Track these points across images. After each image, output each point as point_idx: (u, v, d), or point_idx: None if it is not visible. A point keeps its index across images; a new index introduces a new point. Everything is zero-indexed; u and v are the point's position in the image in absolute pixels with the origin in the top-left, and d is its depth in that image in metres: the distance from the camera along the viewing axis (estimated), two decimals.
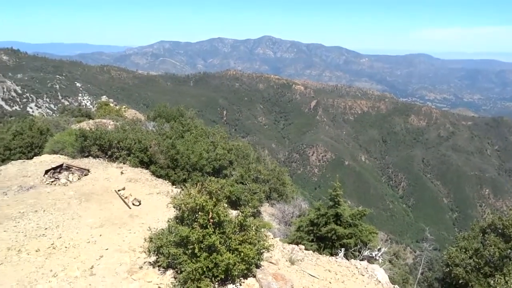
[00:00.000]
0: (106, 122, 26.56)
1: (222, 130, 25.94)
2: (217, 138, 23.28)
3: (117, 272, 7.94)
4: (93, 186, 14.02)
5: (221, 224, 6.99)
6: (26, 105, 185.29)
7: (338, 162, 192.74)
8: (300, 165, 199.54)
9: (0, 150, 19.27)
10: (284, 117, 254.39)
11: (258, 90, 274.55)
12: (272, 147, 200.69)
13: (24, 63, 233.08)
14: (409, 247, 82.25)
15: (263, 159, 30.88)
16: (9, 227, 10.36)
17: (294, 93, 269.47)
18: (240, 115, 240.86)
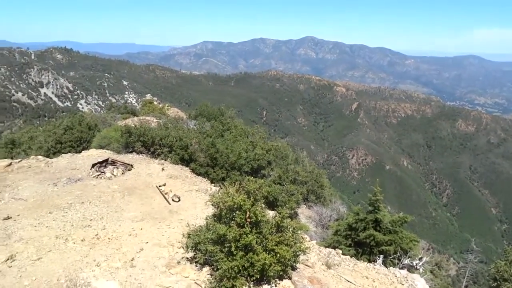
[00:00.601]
0: (149, 119, 27.41)
1: (261, 130, 26.01)
2: (256, 138, 23.37)
3: (156, 266, 8.16)
4: (135, 181, 14.49)
5: (258, 224, 7.00)
6: (76, 102, 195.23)
7: (378, 166, 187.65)
8: (339, 168, 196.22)
9: (52, 143, 20.39)
10: (324, 119, 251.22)
11: (299, 91, 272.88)
12: (311, 149, 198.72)
13: (76, 62, 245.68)
14: (452, 258, 78.54)
15: (302, 160, 30.59)
16: (58, 217, 10.94)
17: (335, 95, 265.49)
18: (279, 116, 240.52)
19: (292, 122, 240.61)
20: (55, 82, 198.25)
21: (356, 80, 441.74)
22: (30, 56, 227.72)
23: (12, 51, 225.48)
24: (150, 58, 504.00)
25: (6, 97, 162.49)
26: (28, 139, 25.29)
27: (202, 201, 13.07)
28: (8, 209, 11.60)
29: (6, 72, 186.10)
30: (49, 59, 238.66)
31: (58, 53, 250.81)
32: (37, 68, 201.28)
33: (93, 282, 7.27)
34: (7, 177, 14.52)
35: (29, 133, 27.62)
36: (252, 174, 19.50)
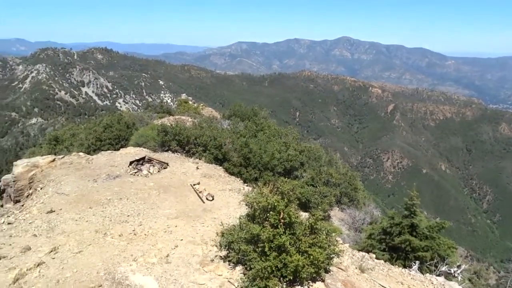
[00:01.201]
0: (185, 118, 27.93)
1: (294, 131, 25.91)
2: (289, 139, 23.31)
3: (190, 263, 8.31)
4: (171, 179, 14.82)
5: (291, 225, 6.98)
6: (115, 100, 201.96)
7: (415, 170, 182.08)
8: (373, 171, 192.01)
9: (93, 141, 21.20)
10: (358, 120, 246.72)
11: (333, 92, 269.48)
12: (344, 151, 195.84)
13: (115, 62, 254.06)
14: (492, 267, 74.88)
15: (335, 162, 30.20)
16: (97, 212, 11.36)
17: (371, 96, 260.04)
18: (313, 117, 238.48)
19: (325, 123, 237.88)
20: (95, 82, 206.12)
21: (393, 81, 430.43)
22: (73, 56, 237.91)
23: (56, 51, 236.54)
24: (186, 58, 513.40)
25: (50, 96, 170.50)
26: (70, 136, 26.48)
27: (235, 200, 13.18)
28: (51, 203, 12.17)
29: (50, 71, 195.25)
30: (91, 59, 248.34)
31: (99, 53, 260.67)
32: (79, 68, 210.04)
33: (130, 276, 7.50)
34: (51, 172, 15.24)
35: (71, 130, 28.91)
36: (285, 175, 19.46)
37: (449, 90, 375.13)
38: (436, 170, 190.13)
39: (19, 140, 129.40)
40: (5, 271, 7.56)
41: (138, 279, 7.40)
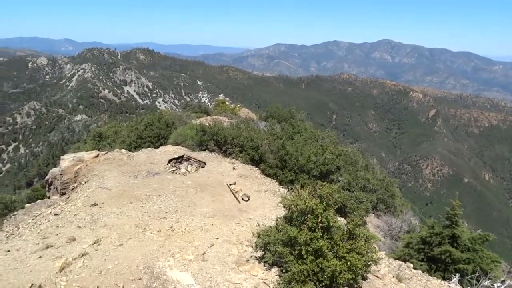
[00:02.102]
0: (222, 119, 28.27)
1: (332, 135, 25.59)
2: (326, 142, 23.02)
3: (225, 262, 8.40)
4: (208, 178, 15.05)
5: (329, 230, 6.90)
6: (155, 100, 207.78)
7: (456, 179, 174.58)
8: (411, 178, 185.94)
9: (134, 138, 21.91)
10: (397, 125, 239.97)
11: (371, 96, 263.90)
12: (381, 156, 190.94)
13: (156, 62, 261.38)
14: None
15: (372, 167, 29.54)
16: (137, 207, 11.73)
17: (411, 101, 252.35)
18: (350, 120, 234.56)
19: (362, 128, 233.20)
20: (137, 81, 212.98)
21: (435, 86, 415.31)
22: (116, 56, 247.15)
23: (101, 51, 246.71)
24: (224, 59, 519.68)
25: (94, 94, 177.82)
26: (112, 133, 27.49)
27: (271, 201, 13.20)
28: (94, 196, 12.70)
29: (95, 70, 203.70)
30: (133, 59, 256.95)
31: (141, 53, 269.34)
32: (122, 68, 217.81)
33: (168, 271, 7.68)
34: (94, 167, 15.89)
35: (114, 127, 30.01)
36: (321, 179, 19.22)
37: (495, 96, 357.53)
38: (479, 180, 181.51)
39: (65, 135, 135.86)
40: (52, 259, 7.97)
41: (176, 275, 7.57)
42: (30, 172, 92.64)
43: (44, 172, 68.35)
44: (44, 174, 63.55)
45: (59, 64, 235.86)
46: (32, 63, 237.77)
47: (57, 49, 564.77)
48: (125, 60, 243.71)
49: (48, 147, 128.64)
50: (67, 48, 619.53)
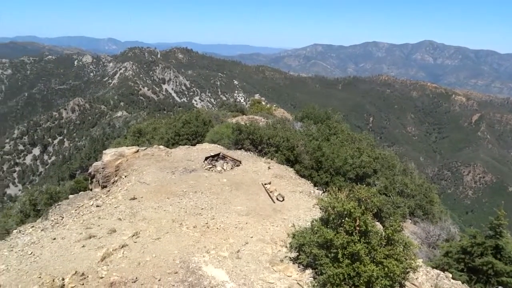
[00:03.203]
0: (258, 118, 28.39)
1: (369, 137, 25.07)
2: (363, 145, 22.60)
3: (259, 261, 8.43)
4: (243, 177, 15.14)
5: (367, 234, 6.76)
6: (192, 98, 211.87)
7: (499, 187, 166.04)
8: (451, 184, 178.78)
9: (172, 135, 22.44)
10: (437, 130, 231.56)
11: (411, 98, 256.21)
12: (420, 161, 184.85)
13: (194, 61, 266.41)
14: None
15: (410, 172, 28.69)
16: (174, 203, 12.00)
17: (453, 104, 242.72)
18: (387, 123, 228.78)
19: (400, 131, 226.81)
20: (175, 79, 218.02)
21: (480, 89, 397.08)
22: (156, 55, 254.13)
23: (142, 50, 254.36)
24: (261, 59, 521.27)
25: (134, 91, 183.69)
26: (152, 129, 28.31)
27: (305, 203, 13.10)
28: (134, 190, 13.11)
29: (136, 69, 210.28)
30: (172, 58, 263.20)
31: (180, 53, 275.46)
32: (162, 66, 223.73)
33: (203, 267, 7.81)
34: (134, 162, 16.41)
35: (153, 124, 30.90)
36: (356, 182, 18.90)
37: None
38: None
39: (106, 130, 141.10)
40: (94, 249, 8.32)
41: (211, 271, 7.69)
42: (73, 165, 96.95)
43: (86, 165, 71.34)
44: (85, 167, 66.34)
45: (102, 62, 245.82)
46: (78, 61, 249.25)
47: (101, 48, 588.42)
48: (164, 59, 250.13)
49: (90, 141, 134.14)
50: (111, 47, 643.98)
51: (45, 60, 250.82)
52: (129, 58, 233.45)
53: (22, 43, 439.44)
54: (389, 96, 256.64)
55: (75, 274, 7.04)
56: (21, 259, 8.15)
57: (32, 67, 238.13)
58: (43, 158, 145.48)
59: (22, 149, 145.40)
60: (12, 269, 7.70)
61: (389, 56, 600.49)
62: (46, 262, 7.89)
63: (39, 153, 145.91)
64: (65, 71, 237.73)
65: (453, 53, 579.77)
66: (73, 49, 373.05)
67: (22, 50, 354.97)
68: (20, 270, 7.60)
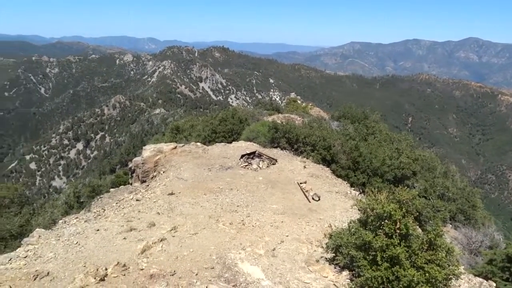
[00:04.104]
0: (293, 117, 28.24)
1: (409, 138, 24.34)
2: (402, 146, 21.95)
3: (295, 260, 8.40)
4: (278, 175, 15.14)
5: (407, 237, 6.57)
6: (227, 96, 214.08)
7: None
8: (495, 189, 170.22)
9: (208, 132, 22.77)
10: (481, 131, 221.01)
11: (453, 98, 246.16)
12: (461, 163, 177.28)
13: (231, 60, 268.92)
14: None
15: (452, 175, 27.59)
16: (210, 199, 12.18)
17: (499, 105, 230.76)
18: (427, 124, 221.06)
19: (441, 132, 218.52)
20: (212, 78, 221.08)
21: None
22: (194, 54, 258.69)
23: (180, 49, 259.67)
24: (297, 58, 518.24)
25: (172, 89, 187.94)
26: (189, 127, 28.87)
27: (342, 203, 12.92)
28: (172, 186, 13.42)
29: (174, 67, 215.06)
30: (209, 57, 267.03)
31: (217, 51, 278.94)
32: (199, 65, 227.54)
33: (239, 263, 7.88)
34: (172, 159, 16.79)
35: (190, 122, 31.51)
36: (395, 183, 18.40)
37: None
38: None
39: (144, 127, 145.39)
40: (135, 241, 8.59)
41: (246, 268, 7.74)
42: (113, 160, 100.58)
43: (125, 160, 73.83)
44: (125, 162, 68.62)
45: (142, 61, 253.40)
46: (119, 60, 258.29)
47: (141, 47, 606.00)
48: (201, 58, 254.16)
49: (129, 137, 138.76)
50: (150, 46, 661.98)
51: (89, 59, 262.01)
52: (168, 57, 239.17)
53: (68, 43, 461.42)
54: (429, 95, 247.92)
55: (117, 265, 7.30)
56: (67, 248, 8.56)
57: (77, 66, 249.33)
58: (86, 153, 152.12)
59: (67, 143, 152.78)
60: (59, 257, 8.11)
61: (430, 54, 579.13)
62: (90, 252, 8.24)
63: (82, 148, 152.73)
64: (107, 70, 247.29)
65: (500, 51, 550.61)
66: (115, 49, 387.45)
67: (68, 50, 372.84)
68: (67, 258, 7.99)
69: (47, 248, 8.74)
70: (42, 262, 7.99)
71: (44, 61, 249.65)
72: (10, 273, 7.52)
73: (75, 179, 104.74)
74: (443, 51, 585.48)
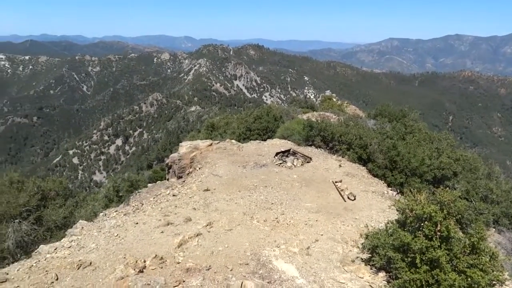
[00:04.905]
0: (328, 115, 27.90)
1: (450, 137, 23.42)
2: (443, 145, 21.16)
3: (330, 259, 8.31)
4: (313, 174, 15.02)
5: (448, 240, 6.33)
6: (262, 94, 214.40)
7: None
8: None
9: (243, 130, 22.93)
10: None
11: (498, 96, 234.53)
12: (506, 164, 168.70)
13: (265, 58, 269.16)
14: None
15: (496, 176, 26.31)
16: (245, 196, 12.26)
17: None
18: (469, 123, 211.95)
19: (484, 131, 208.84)
20: (246, 76, 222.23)
21: None
22: (229, 52, 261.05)
23: (216, 47, 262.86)
24: (332, 55, 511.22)
25: (207, 87, 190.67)
26: (224, 124, 29.19)
27: (378, 203, 12.65)
28: (207, 182, 13.63)
29: (210, 65, 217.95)
30: (244, 55, 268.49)
31: (252, 49, 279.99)
32: (234, 63, 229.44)
33: (273, 261, 7.90)
34: (207, 155, 17.04)
35: (225, 119, 31.85)
36: (434, 184, 17.79)
37: None
38: None
39: (180, 124, 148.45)
40: (172, 235, 8.81)
41: (281, 265, 7.75)
42: (150, 156, 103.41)
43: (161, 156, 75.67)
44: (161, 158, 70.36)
45: (179, 60, 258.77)
46: (157, 58, 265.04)
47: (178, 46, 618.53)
48: (236, 56, 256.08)
49: (166, 134, 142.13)
50: (186, 45, 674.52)
51: (128, 58, 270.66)
52: (203, 55, 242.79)
53: (109, 43, 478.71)
54: (472, 93, 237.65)
55: (155, 258, 7.52)
56: (108, 239, 8.91)
57: (117, 64, 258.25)
58: (125, 148, 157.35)
59: (107, 139, 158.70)
60: (101, 248, 8.46)
61: (473, 50, 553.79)
62: (129, 244, 8.54)
63: (121, 144, 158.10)
64: (145, 68, 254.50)
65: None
66: (153, 47, 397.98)
67: (109, 49, 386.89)
68: (108, 249, 8.32)
69: (89, 239, 9.14)
70: (85, 252, 8.36)
71: (87, 60, 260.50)
72: (56, 262, 7.93)
73: (115, 174, 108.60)
74: (487, 47, 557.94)
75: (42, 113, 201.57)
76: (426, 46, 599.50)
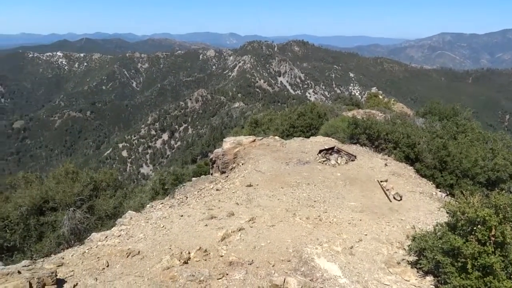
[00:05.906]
0: (374, 113, 27.19)
1: (507, 137, 22.03)
2: (498, 146, 19.94)
3: (374, 260, 8.12)
4: (357, 172, 14.70)
5: (503, 246, 5.98)
6: (305, 90, 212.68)
7: None
8: None
9: (287, 126, 22.89)
10: None
11: None
12: None
13: (310, 54, 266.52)
14: None
15: None
16: (287, 192, 12.25)
17: None
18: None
19: None
20: (290, 72, 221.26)
21: None
22: (273, 49, 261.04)
23: (260, 44, 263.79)
24: (379, 51, 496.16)
25: (251, 83, 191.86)
26: (267, 120, 29.28)
27: (426, 205, 12.17)
28: (250, 178, 13.75)
29: (254, 62, 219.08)
30: (288, 51, 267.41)
31: (296, 45, 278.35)
32: (278, 59, 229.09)
33: (315, 259, 7.84)
34: (251, 151, 17.17)
35: (268, 115, 31.94)
36: (487, 187, 16.83)
37: None
38: None
39: (224, 120, 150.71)
40: (216, 229, 9.00)
41: (323, 264, 7.67)
42: (195, 150, 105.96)
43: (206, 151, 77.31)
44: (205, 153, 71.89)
45: (223, 56, 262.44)
46: (203, 55, 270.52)
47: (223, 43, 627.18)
48: (280, 52, 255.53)
49: (210, 129, 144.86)
50: (231, 42, 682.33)
51: (175, 55, 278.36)
52: (248, 52, 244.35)
53: (157, 40, 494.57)
54: None
55: (199, 250, 7.72)
56: (155, 230, 9.25)
57: (165, 61, 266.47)
58: (170, 143, 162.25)
59: (154, 134, 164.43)
60: (148, 238, 8.80)
61: None
62: (175, 235, 8.82)
63: (167, 138, 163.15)
64: (191, 65, 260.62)
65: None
66: (199, 44, 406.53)
67: (157, 46, 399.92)
68: (155, 240, 8.65)
69: (137, 229, 9.54)
70: (134, 241, 8.74)
71: (136, 57, 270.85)
72: (107, 249, 8.36)
73: (161, 167, 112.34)
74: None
75: (95, 108, 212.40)
76: (482, 41, 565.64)
